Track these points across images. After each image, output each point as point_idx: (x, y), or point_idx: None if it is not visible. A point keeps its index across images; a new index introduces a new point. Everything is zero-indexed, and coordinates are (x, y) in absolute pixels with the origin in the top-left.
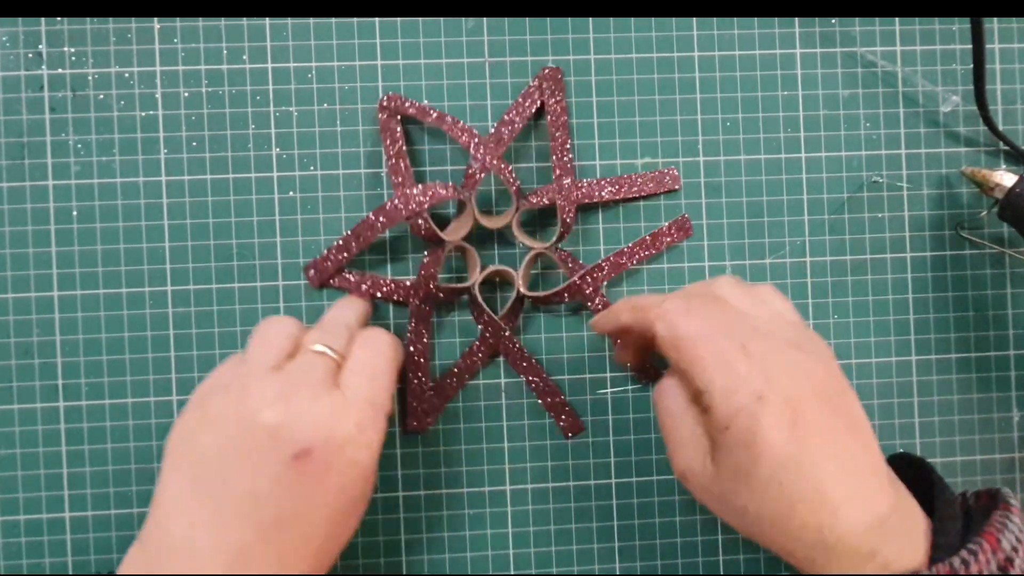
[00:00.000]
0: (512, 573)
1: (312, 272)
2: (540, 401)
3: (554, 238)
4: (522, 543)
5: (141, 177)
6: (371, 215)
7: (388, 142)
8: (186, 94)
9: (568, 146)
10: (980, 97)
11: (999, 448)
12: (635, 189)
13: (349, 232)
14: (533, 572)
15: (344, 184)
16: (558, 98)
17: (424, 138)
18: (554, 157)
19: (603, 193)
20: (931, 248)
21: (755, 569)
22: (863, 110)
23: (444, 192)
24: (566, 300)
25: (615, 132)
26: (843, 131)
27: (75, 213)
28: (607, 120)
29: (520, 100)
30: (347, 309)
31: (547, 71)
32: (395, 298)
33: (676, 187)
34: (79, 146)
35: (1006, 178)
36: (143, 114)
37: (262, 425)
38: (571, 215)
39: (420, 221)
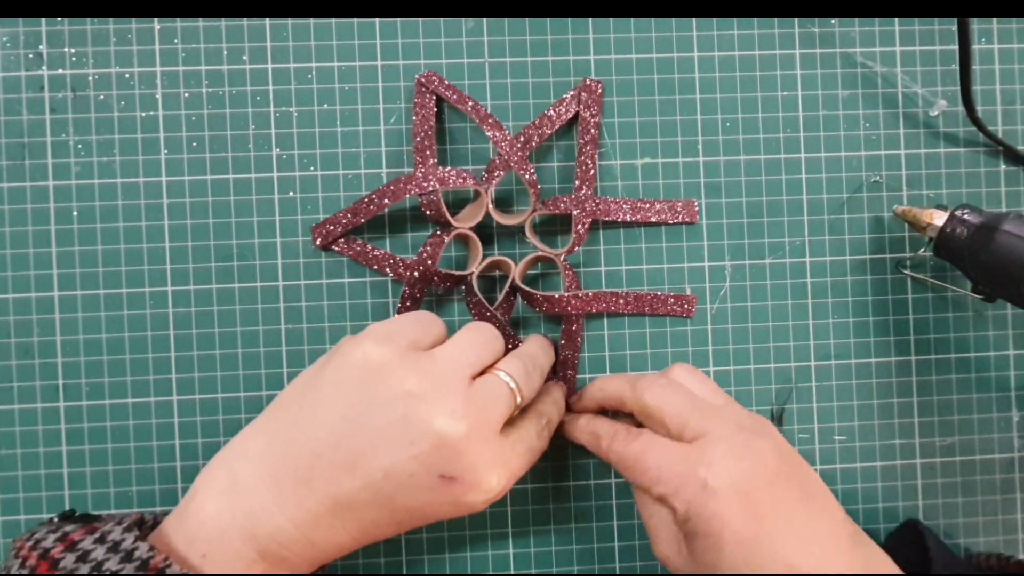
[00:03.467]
0: (512, 573)
1: (319, 232)
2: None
3: (567, 247)
4: (522, 543)
5: (141, 177)
6: (388, 185)
7: (419, 119)
8: (186, 94)
9: (594, 159)
10: (967, 97)
11: (999, 448)
12: (651, 216)
13: (362, 198)
14: (533, 572)
15: (344, 184)
16: (593, 111)
17: (451, 129)
18: (579, 169)
19: (621, 213)
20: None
21: None
22: (862, 110)
23: (464, 177)
24: (544, 309)
25: (615, 132)
26: (842, 131)
27: (75, 213)
28: (607, 120)
29: (555, 106)
30: (544, 353)
31: (588, 83)
32: (387, 271)
33: (693, 220)
34: (79, 146)
35: (937, 217)
36: (143, 115)
37: (437, 432)
38: (585, 227)
39: (432, 198)
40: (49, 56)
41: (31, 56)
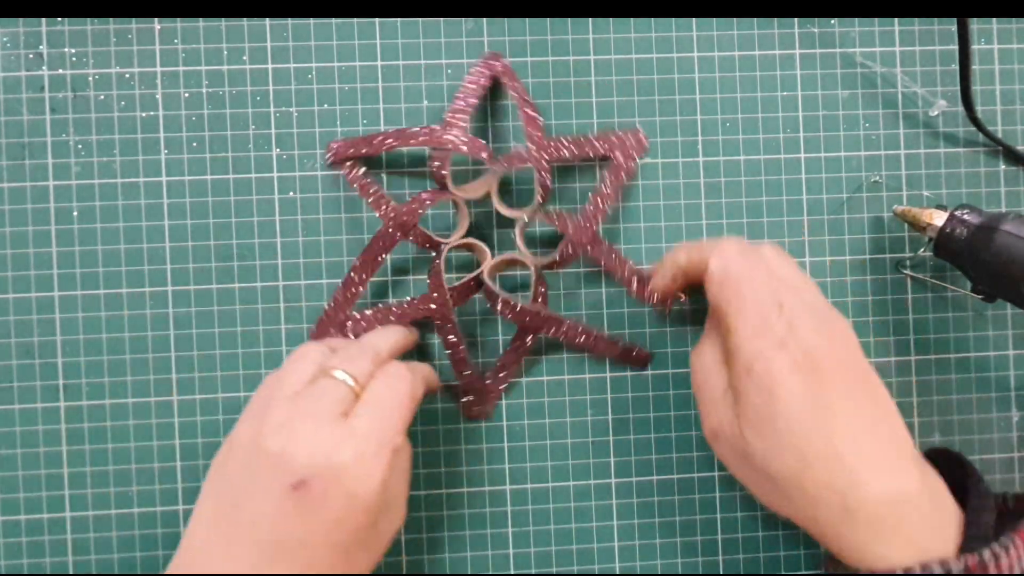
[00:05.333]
0: (512, 573)
1: (333, 149)
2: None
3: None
4: (522, 543)
5: (142, 178)
6: (410, 127)
7: (469, 87)
8: (187, 95)
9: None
10: (967, 97)
11: (999, 448)
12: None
13: (381, 133)
14: (533, 572)
15: (344, 184)
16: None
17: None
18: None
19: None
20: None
21: (755, 569)
22: (862, 111)
23: (483, 150)
24: (500, 312)
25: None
26: (842, 131)
27: (76, 213)
28: (607, 120)
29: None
30: (380, 336)
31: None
32: (378, 207)
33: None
34: (80, 147)
35: (936, 217)
36: (144, 115)
37: (266, 451)
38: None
39: (443, 153)
40: (49, 56)
41: (31, 56)
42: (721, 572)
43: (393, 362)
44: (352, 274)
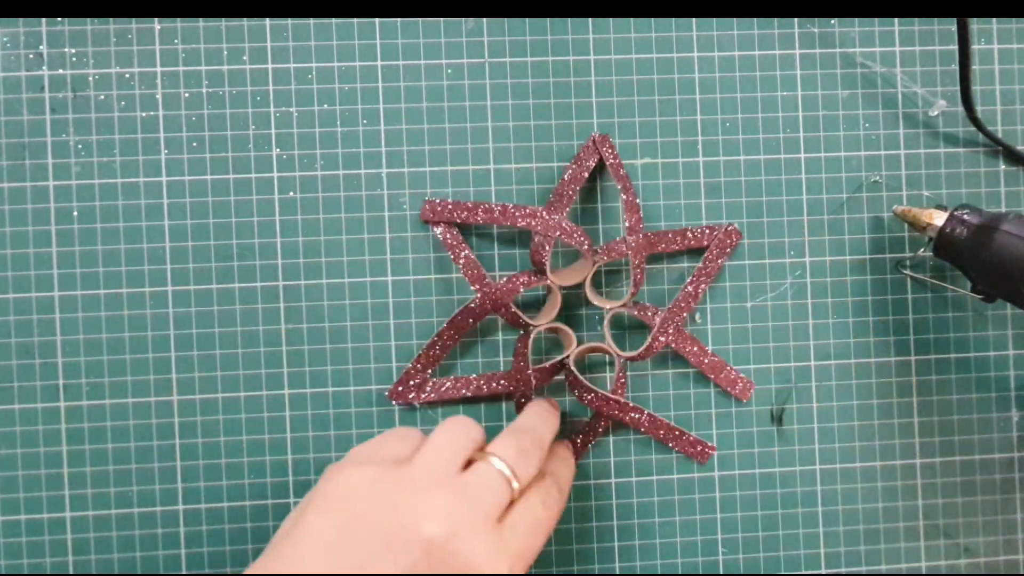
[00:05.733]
0: (512, 573)
1: (432, 207)
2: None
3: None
4: None
5: (142, 178)
6: (519, 206)
7: (574, 171)
8: (187, 95)
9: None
10: (967, 97)
11: (998, 448)
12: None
13: (487, 203)
14: (534, 572)
15: (344, 184)
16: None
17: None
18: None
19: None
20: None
21: (755, 569)
22: (862, 111)
23: (527, 281)
24: (579, 397)
25: (615, 132)
26: (842, 131)
27: (76, 213)
28: (607, 120)
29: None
30: (545, 425)
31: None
32: (467, 273)
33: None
34: (80, 147)
35: (936, 217)
36: (144, 115)
37: (422, 536)
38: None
39: (547, 242)
40: (49, 56)
41: (31, 56)
42: (721, 572)
43: (558, 444)
44: (436, 338)
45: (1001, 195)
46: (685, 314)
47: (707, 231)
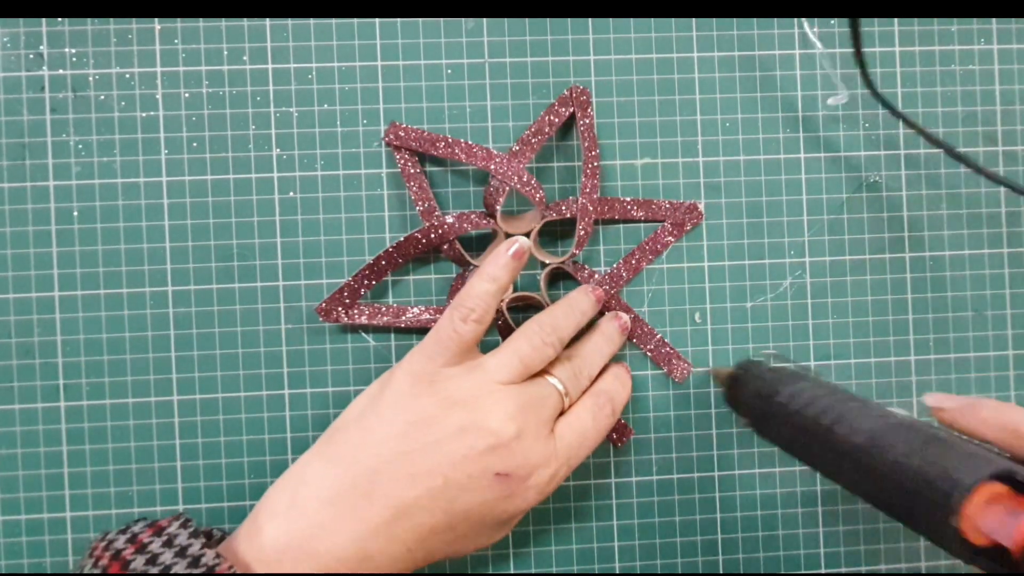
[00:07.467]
0: (512, 573)
1: (394, 132)
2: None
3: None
4: (522, 543)
5: (142, 178)
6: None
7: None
8: (187, 95)
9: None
10: (868, 82)
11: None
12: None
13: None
14: (533, 572)
15: (344, 184)
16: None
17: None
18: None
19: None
20: (930, 248)
21: (755, 568)
22: (862, 111)
23: (475, 223)
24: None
25: (615, 132)
26: (842, 131)
27: (76, 214)
28: (607, 120)
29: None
30: (606, 342)
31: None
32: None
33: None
34: (80, 147)
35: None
36: (144, 115)
37: (491, 431)
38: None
39: (450, 249)
40: (49, 56)
41: (31, 56)
42: (721, 572)
43: (604, 390)
44: (376, 261)
45: (1001, 195)
46: (623, 283)
47: (668, 206)
